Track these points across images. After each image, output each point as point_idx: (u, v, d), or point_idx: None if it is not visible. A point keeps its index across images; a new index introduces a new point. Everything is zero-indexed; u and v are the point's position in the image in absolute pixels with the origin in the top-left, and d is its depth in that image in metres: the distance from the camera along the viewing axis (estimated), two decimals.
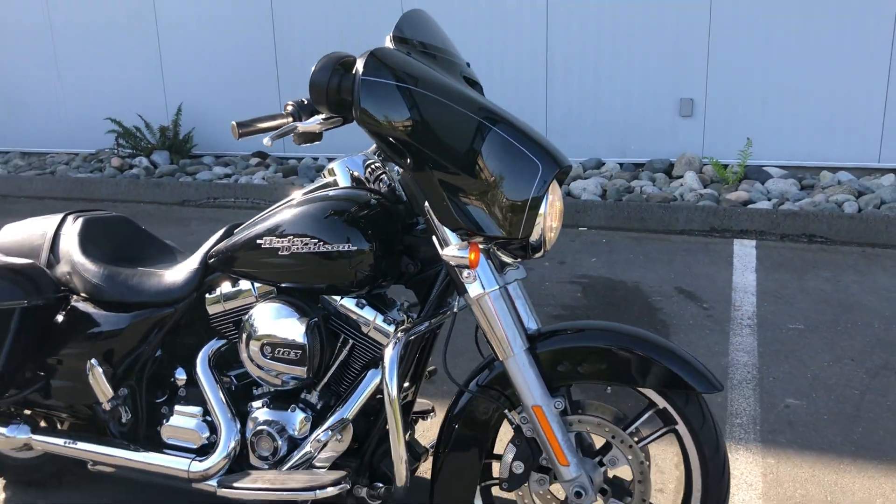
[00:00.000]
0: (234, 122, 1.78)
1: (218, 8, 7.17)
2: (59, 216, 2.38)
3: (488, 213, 1.75)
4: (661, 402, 1.88)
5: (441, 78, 1.75)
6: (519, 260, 1.93)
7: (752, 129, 5.75)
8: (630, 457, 1.88)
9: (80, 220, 2.35)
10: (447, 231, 1.80)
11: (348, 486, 1.92)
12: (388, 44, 1.77)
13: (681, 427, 1.87)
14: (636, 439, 1.90)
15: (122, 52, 7.65)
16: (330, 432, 1.93)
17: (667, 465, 2.53)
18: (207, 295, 2.14)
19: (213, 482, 2.03)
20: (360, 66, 1.66)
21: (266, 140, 1.76)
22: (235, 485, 1.98)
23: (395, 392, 1.78)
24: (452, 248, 1.79)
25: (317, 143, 1.86)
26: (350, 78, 1.72)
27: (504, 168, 1.74)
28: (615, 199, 5.25)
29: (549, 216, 1.83)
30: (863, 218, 4.60)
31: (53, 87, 8.09)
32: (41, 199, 6.75)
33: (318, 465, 1.99)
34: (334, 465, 2.00)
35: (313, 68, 1.69)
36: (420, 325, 1.92)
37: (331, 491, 1.90)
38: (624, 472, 1.91)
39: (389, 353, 1.80)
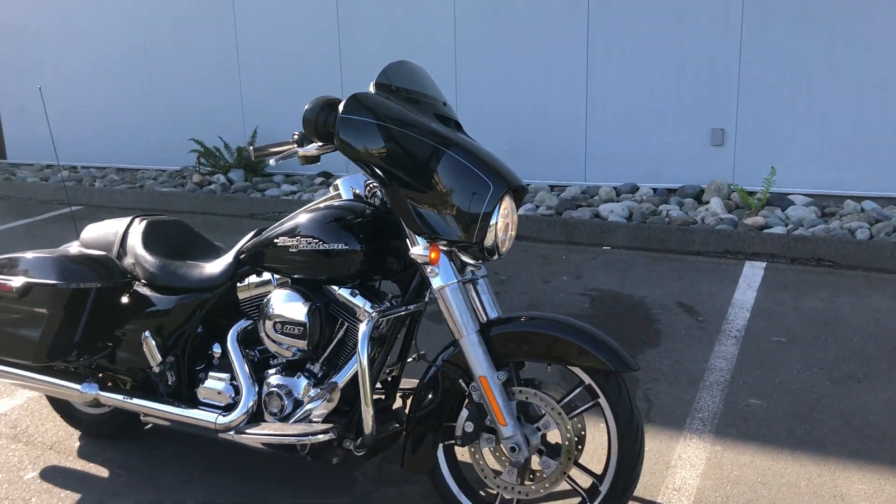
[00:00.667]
0: (251, 147, 2.32)
1: (292, 42, 7.87)
2: (129, 218, 2.96)
3: (446, 222, 2.22)
4: (587, 380, 2.30)
5: (409, 114, 2.24)
6: (480, 261, 2.39)
7: (779, 158, 6.02)
8: (559, 423, 2.30)
9: (144, 222, 2.93)
10: (416, 235, 2.28)
11: (334, 436, 2.40)
12: (371, 89, 2.28)
13: (602, 400, 2.28)
14: (568, 410, 2.32)
15: (206, 80, 8.44)
16: (320, 390, 2.41)
17: None
18: (238, 284, 2.67)
19: (233, 432, 2.55)
20: (341, 106, 2.18)
21: (271, 161, 2.29)
22: (248, 432, 2.50)
23: (365, 359, 2.26)
24: (418, 248, 2.28)
25: (316, 164, 2.37)
26: (333, 115, 2.23)
27: (460, 186, 2.21)
28: (640, 221, 5.62)
29: (502, 226, 2.28)
30: (871, 244, 4.84)
31: (147, 111, 8.95)
32: (131, 209, 7.52)
33: (313, 419, 2.48)
34: (327, 421, 2.48)
35: (306, 107, 2.21)
36: (393, 310, 2.40)
37: (320, 437, 2.39)
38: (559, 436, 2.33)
39: (362, 329, 2.29)
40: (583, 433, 2.41)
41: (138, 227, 2.91)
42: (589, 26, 6.58)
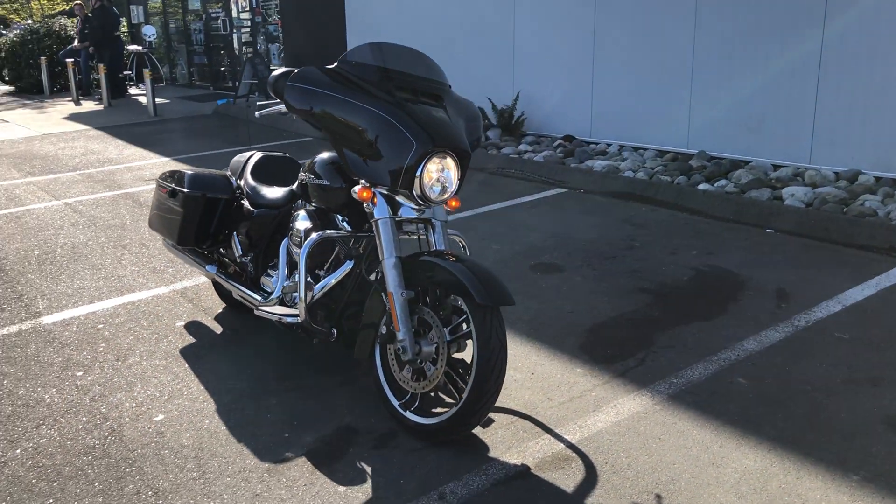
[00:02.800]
0: (257, 103, 3.20)
1: (555, 24, 8.50)
2: (252, 152, 4.05)
3: (376, 170, 2.89)
4: (465, 309, 2.81)
5: (352, 83, 2.91)
6: (420, 207, 3.01)
7: None
8: (439, 337, 2.85)
9: (260, 155, 3.99)
10: (357, 178, 2.98)
11: (303, 321, 3.23)
12: (334, 64, 2.99)
13: (471, 325, 2.78)
14: (454, 332, 2.86)
15: (480, 48, 9.46)
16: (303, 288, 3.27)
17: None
18: (293, 205, 3.60)
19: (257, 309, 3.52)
20: (291, 76, 2.94)
21: (256, 114, 3.15)
22: (262, 308, 3.44)
23: (303, 265, 3.04)
24: (357, 188, 2.98)
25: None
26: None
27: (388, 142, 2.86)
28: (816, 208, 5.33)
29: (430, 180, 2.88)
30: None
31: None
32: None
33: None
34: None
35: (271, 74, 3.01)
36: (339, 233, 3.13)
37: (296, 319, 3.23)
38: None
39: (312, 236, 3.07)
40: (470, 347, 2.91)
41: (254, 158, 3.99)
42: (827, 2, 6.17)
